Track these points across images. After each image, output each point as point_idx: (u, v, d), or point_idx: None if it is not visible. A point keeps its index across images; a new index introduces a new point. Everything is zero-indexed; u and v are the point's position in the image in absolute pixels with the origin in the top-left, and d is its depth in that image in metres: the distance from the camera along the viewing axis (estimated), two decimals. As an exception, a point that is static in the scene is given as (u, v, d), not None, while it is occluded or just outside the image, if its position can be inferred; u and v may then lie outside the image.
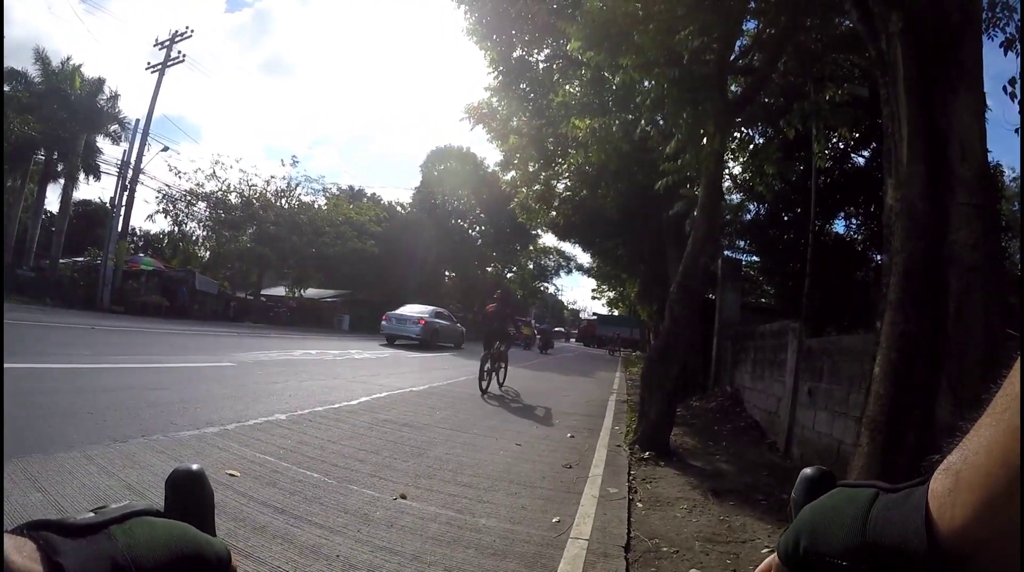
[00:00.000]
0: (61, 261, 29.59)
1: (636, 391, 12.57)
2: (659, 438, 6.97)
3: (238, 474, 4.40)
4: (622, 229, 19.48)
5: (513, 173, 16.44)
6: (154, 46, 30.41)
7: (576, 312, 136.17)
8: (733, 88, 8.13)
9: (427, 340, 24.36)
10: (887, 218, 3.91)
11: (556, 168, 15.97)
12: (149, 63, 30.38)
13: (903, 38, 3.74)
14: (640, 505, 4.89)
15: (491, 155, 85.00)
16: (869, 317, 14.18)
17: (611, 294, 53.28)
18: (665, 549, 3.91)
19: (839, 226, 17.11)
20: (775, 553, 0.60)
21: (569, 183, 17.45)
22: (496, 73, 11.18)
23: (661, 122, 9.85)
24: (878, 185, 13.73)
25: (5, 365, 6.22)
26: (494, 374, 12.10)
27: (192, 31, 30.48)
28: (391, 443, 6.16)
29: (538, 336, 36.03)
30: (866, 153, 15.06)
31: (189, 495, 0.61)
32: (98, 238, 31.33)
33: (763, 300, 19.93)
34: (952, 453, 0.45)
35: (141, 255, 34.40)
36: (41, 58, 28.67)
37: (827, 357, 6.94)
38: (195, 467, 0.63)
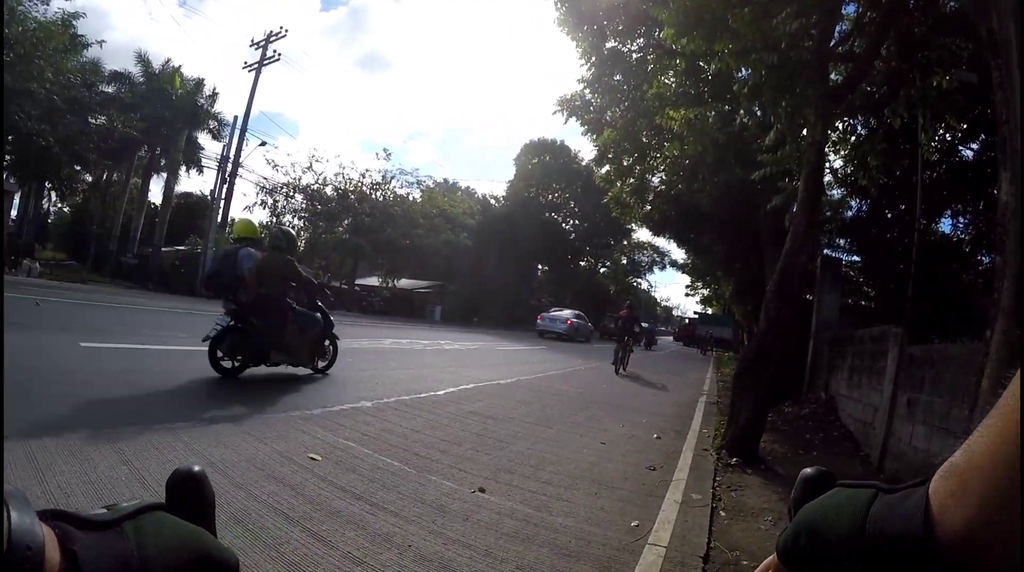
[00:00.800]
0: (164, 249, 31.09)
1: (727, 393, 12.25)
2: (748, 444, 6.71)
3: (319, 458, 4.47)
4: (718, 225, 19.07)
5: (607, 167, 16.18)
6: (250, 46, 31.75)
7: (669, 309, 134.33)
8: (833, 76, 7.74)
9: (571, 335, 32.77)
10: (1000, 216, 3.61)
11: (651, 162, 15.68)
12: (246, 62, 31.76)
13: (1016, 15, 3.43)
14: (723, 514, 4.70)
15: (585, 148, 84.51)
16: (975, 325, 13.42)
17: (705, 292, 52.33)
18: (745, 563, 3.72)
19: (945, 225, 16.09)
20: (775, 552, 0.60)
21: (664, 177, 17.12)
22: (588, 64, 11.01)
23: (759, 113, 9.53)
24: (988, 181, 12.89)
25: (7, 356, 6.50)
26: (621, 362, 16.38)
27: (286, 31, 31.67)
28: (474, 435, 6.15)
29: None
30: (975, 145, 14.05)
31: (189, 497, 0.59)
32: (198, 228, 32.80)
33: (862, 302, 19.09)
34: (955, 454, 0.45)
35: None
36: (143, 60, 30.30)
37: (929, 366, 6.48)
38: (196, 468, 0.61)
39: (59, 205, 45.42)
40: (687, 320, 75.67)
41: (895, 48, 7.47)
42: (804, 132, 6.34)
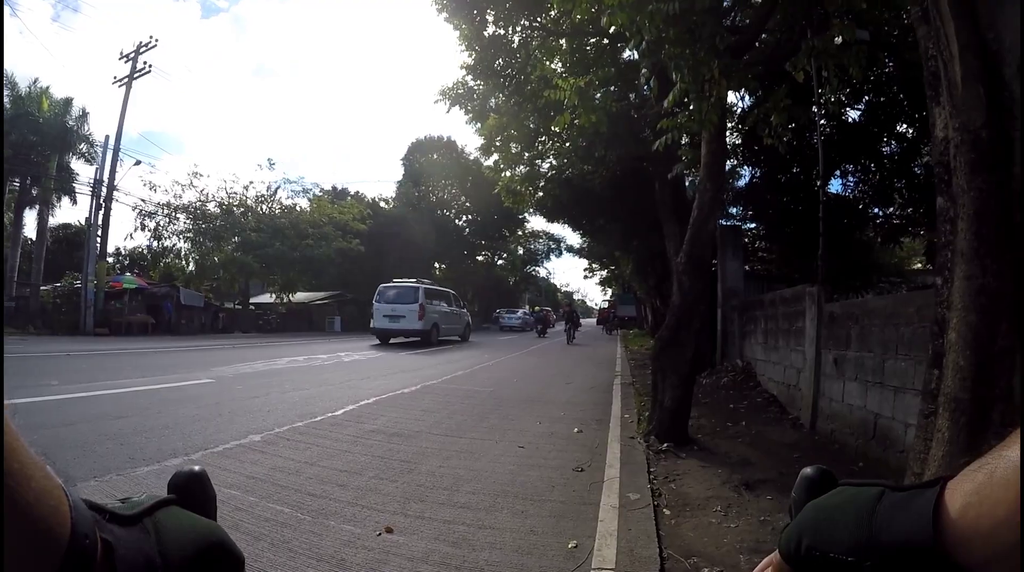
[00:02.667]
0: (43, 288, 28.74)
1: (640, 372, 12.00)
2: (677, 426, 6.33)
3: (192, 518, 3.72)
4: (613, 205, 18.89)
5: (495, 156, 15.78)
6: (119, 59, 29.49)
7: (569, 294, 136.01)
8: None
9: (522, 327, 46.49)
10: (939, 154, 3.24)
11: (540, 147, 15.35)
12: (115, 77, 29.50)
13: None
14: (668, 512, 4.21)
15: (472, 142, 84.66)
16: (878, 278, 13.63)
17: (603, 273, 53.10)
18: (706, 569, 3.24)
19: (835, 185, 16.43)
20: (776, 550, 0.59)
21: (554, 162, 16.83)
22: (470, 51, 10.55)
23: (652, 84, 9.21)
24: (875, 140, 13.36)
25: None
26: (572, 338, 28.56)
27: (156, 41, 29.49)
28: (377, 459, 5.47)
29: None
30: (860, 107, 14.41)
31: (193, 495, 0.59)
32: (80, 261, 30.59)
33: (759, 267, 19.37)
34: (978, 461, 0.43)
35: (126, 274, 33.69)
36: (9, 83, 27.77)
37: (853, 322, 6.29)
38: (197, 468, 0.62)
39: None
40: (607, 302, 76.21)
41: (780, 18, 7.25)
42: (707, 90, 5.93)
